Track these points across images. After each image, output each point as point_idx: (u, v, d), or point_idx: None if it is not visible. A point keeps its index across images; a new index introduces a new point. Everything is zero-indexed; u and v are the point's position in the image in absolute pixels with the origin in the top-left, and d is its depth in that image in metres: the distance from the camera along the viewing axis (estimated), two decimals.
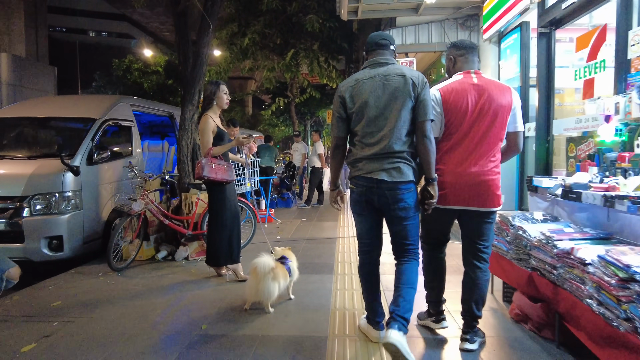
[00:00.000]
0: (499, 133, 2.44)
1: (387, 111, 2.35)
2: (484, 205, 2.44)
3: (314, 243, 5.64)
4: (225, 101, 3.92)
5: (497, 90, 2.44)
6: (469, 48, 2.59)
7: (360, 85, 2.41)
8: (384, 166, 2.35)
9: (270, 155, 8.87)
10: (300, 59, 13.20)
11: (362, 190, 2.42)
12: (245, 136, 3.79)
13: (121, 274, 4.30)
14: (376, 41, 2.49)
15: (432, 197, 2.37)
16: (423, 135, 2.33)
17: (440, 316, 2.79)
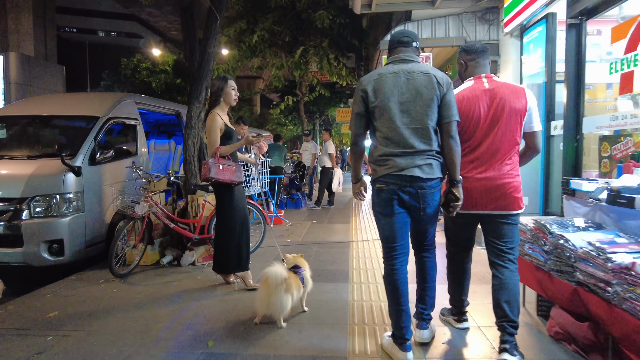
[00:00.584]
0: (514, 136, 2.42)
1: (412, 108, 2.30)
2: (505, 209, 2.42)
3: (326, 247, 5.37)
4: (233, 97, 3.67)
5: (510, 93, 2.41)
6: (480, 52, 2.55)
7: (383, 79, 2.34)
8: (417, 162, 2.29)
9: (279, 155, 8.61)
10: (310, 57, 12.94)
11: (393, 189, 2.32)
12: (254, 135, 3.53)
13: (124, 280, 4.07)
14: (399, 39, 2.44)
15: (457, 200, 2.34)
16: (449, 135, 2.31)
17: (463, 317, 2.85)
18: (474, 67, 2.56)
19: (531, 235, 2.93)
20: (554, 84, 5.05)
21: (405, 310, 2.38)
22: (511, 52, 6.01)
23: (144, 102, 6.40)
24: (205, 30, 5.12)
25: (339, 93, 17.56)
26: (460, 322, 2.84)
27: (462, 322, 2.84)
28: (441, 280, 3.71)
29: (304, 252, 5.02)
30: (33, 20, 18.00)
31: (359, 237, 5.94)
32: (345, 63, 13.61)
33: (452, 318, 2.90)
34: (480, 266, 4.15)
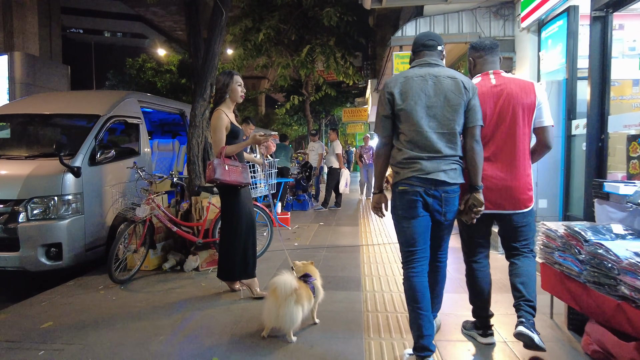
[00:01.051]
0: (523, 132, 2.39)
1: (439, 112, 2.29)
2: (516, 208, 2.43)
3: (335, 252, 5.15)
4: (239, 94, 3.47)
5: (517, 88, 2.39)
6: (488, 49, 2.54)
7: (410, 82, 2.31)
8: (442, 167, 2.27)
9: (286, 155, 8.40)
10: (316, 55, 12.74)
11: (418, 191, 2.28)
12: (262, 134, 3.32)
13: (124, 286, 3.87)
14: (424, 42, 2.41)
15: (480, 205, 2.32)
16: (474, 139, 2.31)
17: (488, 330, 2.64)
18: (482, 64, 2.55)
19: (562, 243, 2.70)
20: (575, 81, 4.80)
21: (427, 317, 2.26)
22: (528, 48, 5.76)
23: (147, 100, 6.21)
24: (210, 25, 4.91)
25: (345, 92, 17.36)
26: (486, 336, 2.64)
27: (487, 336, 2.64)
28: (460, 290, 3.53)
29: (312, 257, 4.83)
30: (38, 20, 17.94)
31: (368, 241, 5.71)
32: (352, 62, 13.40)
33: (476, 332, 2.69)
34: (500, 273, 3.93)
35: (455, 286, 3.71)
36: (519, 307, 2.37)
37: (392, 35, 6.30)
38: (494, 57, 2.55)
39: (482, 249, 2.64)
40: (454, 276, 3.88)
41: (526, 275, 2.43)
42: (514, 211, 2.44)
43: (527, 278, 2.42)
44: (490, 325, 2.64)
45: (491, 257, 2.73)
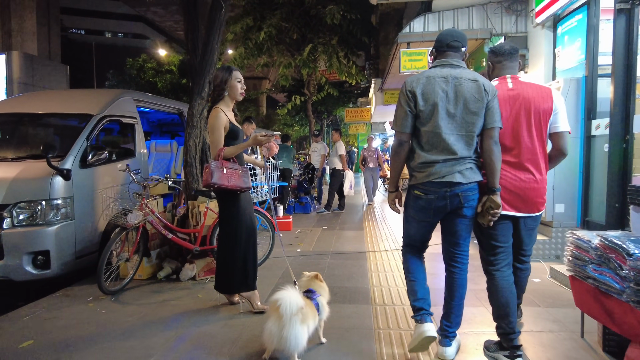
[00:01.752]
0: (540, 137, 2.40)
1: (459, 115, 2.29)
2: (531, 211, 2.44)
3: (340, 258, 4.88)
4: (239, 91, 3.20)
5: (534, 93, 2.40)
6: (507, 54, 2.53)
7: (432, 83, 2.30)
8: (457, 168, 2.28)
9: (288, 157, 8.13)
10: (319, 55, 12.47)
11: (433, 198, 2.32)
12: (264, 134, 3.05)
13: (115, 298, 3.61)
14: (448, 42, 2.38)
15: (497, 207, 2.30)
16: (493, 141, 2.29)
17: (516, 351, 2.38)
18: (501, 68, 2.55)
19: (597, 255, 2.42)
20: (595, 79, 4.53)
21: (421, 284, 2.46)
22: (542, 45, 5.49)
23: (143, 99, 5.95)
24: (208, 20, 4.66)
25: (348, 92, 17.08)
26: (513, 358, 2.38)
27: (515, 358, 2.37)
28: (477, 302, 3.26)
29: (316, 265, 4.56)
30: (37, 19, 17.72)
31: (375, 247, 5.44)
32: (355, 61, 13.13)
33: (501, 354, 2.42)
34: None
35: (471, 299, 3.43)
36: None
37: (400, 32, 6.03)
38: (513, 63, 2.54)
39: (505, 255, 2.48)
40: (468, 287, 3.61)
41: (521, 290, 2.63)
42: (528, 214, 2.45)
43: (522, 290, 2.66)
44: (518, 346, 2.38)
45: None
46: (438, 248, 2.55)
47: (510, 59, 2.54)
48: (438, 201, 2.31)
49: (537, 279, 3.97)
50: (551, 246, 4.73)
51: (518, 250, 2.56)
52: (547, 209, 4.73)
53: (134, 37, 47.13)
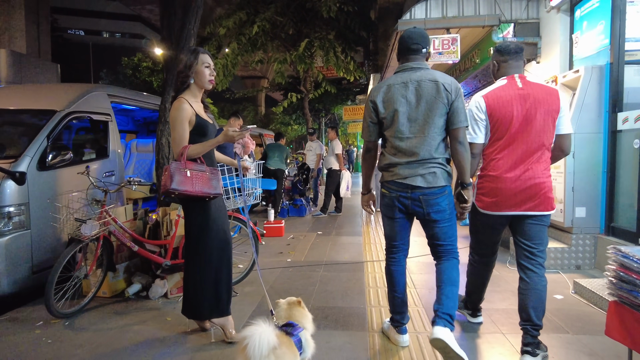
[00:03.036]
0: (547, 137, 2.42)
1: (420, 118, 2.35)
2: (537, 209, 2.41)
3: (334, 270, 4.35)
4: (207, 78, 2.68)
5: (543, 93, 2.42)
6: (513, 53, 2.54)
7: (392, 90, 2.39)
8: (420, 172, 2.35)
9: (280, 156, 7.61)
10: (315, 50, 11.96)
11: (395, 196, 2.43)
12: (235, 129, 2.53)
13: (69, 322, 3.09)
14: (408, 46, 2.44)
15: (466, 202, 2.41)
16: (457, 141, 2.35)
17: (478, 312, 2.94)
18: (507, 68, 2.55)
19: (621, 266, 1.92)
20: (622, 66, 4.00)
21: (401, 298, 2.56)
22: (557, 31, 4.96)
23: (120, 95, 5.44)
24: (184, 2, 4.14)
25: (346, 90, 16.55)
26: (475, 316, 2.94)
27: (476, 316, 2.94)
28: None
29: (307, 278, 4.05)
30: (25, 17, 17.23)
31: (374, 255, 4.92)
32: (353, 56, 12.60)
33: (466, 312, 2.97)
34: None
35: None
36: (526, 331, 2.39)
37: (399, 19, 5.51)
38: (519, 62, 2.55)
39: (491, 251, 2.70)
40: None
41: (538, 299, 2.39)
42: (536, 212, 2.41)
43: (538, 302, 2.39)
44: (480, 309, 2.94)
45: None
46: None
47: (516, 58, 2.54)
48: (401, 199, 2.40)
49: (559, 295, 3.45)
50: (571, 255, 4.21)
51: (528, 250, 2.46)
52: (566, 213, 4.21)
53: (131, 37, 46.88)
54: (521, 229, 2.46)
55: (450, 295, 2.36)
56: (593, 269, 4.17)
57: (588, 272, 4.08)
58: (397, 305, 2.57)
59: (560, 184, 4.30)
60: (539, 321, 2.36)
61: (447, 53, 5.51)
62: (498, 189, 2.42)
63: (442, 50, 5.51)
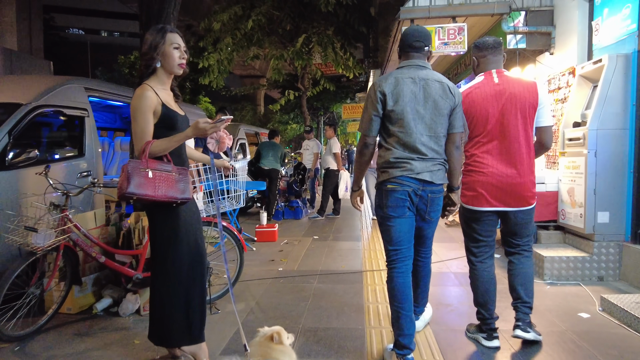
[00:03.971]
0: (526, 131, 2.44)
1: (427, 116, 2.30)
2: (520, 205, 2.46)
3: (330, 281, 3.93)
4: (177, 61, 2.26)
5: (520, 87, 2.43)
6: (491, 48, 2.54)
7: (401, 84, 2.30)
8: (430, 168, 2.30)
9: (274, 155, 7.18)
10: (313, 45, 11.53)
11: (407, 190, 2.29)
12: (208, 120, 2.11)
13: (20, 346, 2.67)
14: (410, 42, 2.38)
15: (453, 205, 2.46)
16: (455, 145, 2.36)
17: (493, 334, 2.59)
18: (485, 63, 2.55)
19: None
20: None
21: (409, 317, 2.28)
22: (574, 19, 4.54)
23: (100, 88, 5.02)
24: None
25: (345, 87, 16.11)
26: (491, 339, 2.59)
27: (492, 339, 2.59)
28: None
29: (299, 291, 3.62)
30: (16, 13, 16.83)
31: (374, 264, 4.50)
32: (352, 52, 12.18)
33: (480, 336, 2.63)
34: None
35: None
36: (517, 308, 2.50)
37: (402, 6, 5.08)
38: (497, 57, 2.55)
39: (487, 248, 2.63)
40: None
41: (526, 277, 2.52)
42: (519, 208, 2.47)
43: (526, 280, 2.51)
44: (495, 329, 2.58)
45: None
46: None
47: (494, 52, 2.53)
48: (412, 195, 2.30)
49: (585, 314, 3.03)
50: (592, 265, 3.79)
51: (514, 242, 2.57)
52: (587, 219, 3.79)
53: (130, 35, 46.59)
54: (506, 222, 2.55)
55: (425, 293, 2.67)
56: (618, 280, 3.75)
57: (612, 285, 3.66)
58: (404, 327, 2.24)
59: (580, 186, 3.88)
60: (529, 298, 2.49)
61: (452, 44, 5.09)
62: (479, 183, 2.47)
63: (447, 40, 5.09)
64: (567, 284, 3.73)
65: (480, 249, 2.61)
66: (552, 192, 4.34)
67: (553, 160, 4.82)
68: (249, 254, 5.01)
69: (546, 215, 4.37)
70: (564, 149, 4.22)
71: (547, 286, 3.67)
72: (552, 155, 4.83)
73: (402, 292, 2.28)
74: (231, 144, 2.22)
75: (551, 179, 4.35)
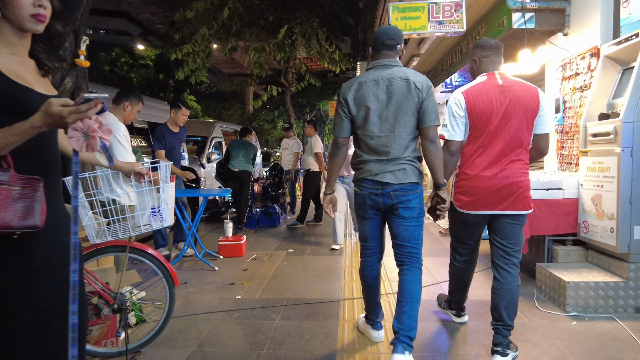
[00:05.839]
0: (525, 135, 2.39)
1: (391, 116, 2.32)
2: (515, 209, 2.38)
3: (296, 316, 3.10)
4: (27, 10, 1.42)
5: (523, 91, 2.38)
6: (494, 48, 2.50)
7: (363, 89, 2.35)
8: (390, 169, 2.34)
9: (246, 155, 6.33)
10: (296, 36, 10.71)
11: (366, 193, 2.40)
12: (67, 102, 1.27)
13: None
14: (383, 41, 2.40)
15: (443, 202, 2.42)
16: (428, 140, 2.33)
17: (462, 312, 2.89)
18: (488, 64, 2.50)
19: None
20: None
21: (376, 300, 2.62)
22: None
23: None
24: None
25: (332, 83, 15.25)
26: (460, 316, 2.88)
27: (461, 316, 2.88)
28: None
29: (257, 328, 2.72)
30: None
31: (355, 287, 3.68)
32: (338, 45, 11.37)
33: (450, 312, 2.93)
34: None
35: None
36: (497, 331, 2.40)
37: None
38: (499, 57, 2.50)
39: (472, 251, 2.67)
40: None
41: (511, 299, 2.40)
42: (514, 212, 2.39)
43: (511, 302, 2.40)
44: (463, 308, 2.88)
45: None
46: None
47: (497, 53, 2.49)
48: (372, 196, 2.37)
49: None
50: (627, 292, 3.01)
51: (503, 249, 2.44)
52: (620, 234, 3.02)
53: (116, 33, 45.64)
54: (497, 228, 2.45)
55: (412, 313, 2.32)
56: None
57: None
58: (371, 308, 2.64)
59: (610, 193, 3.11)
60: (511, 321, 2.39)
61: (449, 22, 4.30)
62: (475, 187, 2.41)
63: (442, 18, 4.30)
64: (597, 317, 2.95)
65: (466, 250, 2.66)
66: (571, 199, 3.57)
67: (568, 161, 4.05)
68: (207, 275, 4.17)
69: (563, 227, 3.60)
70: (587, 146, 3.44)
71: (573, 321, 2.88)
72: (568, 155, 4.05)
73: (368, 281, 2.58)
74: (110, 140, 1.40)
75: (569, 183, 3.57)
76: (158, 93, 20.88)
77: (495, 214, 2.40)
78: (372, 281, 2.57)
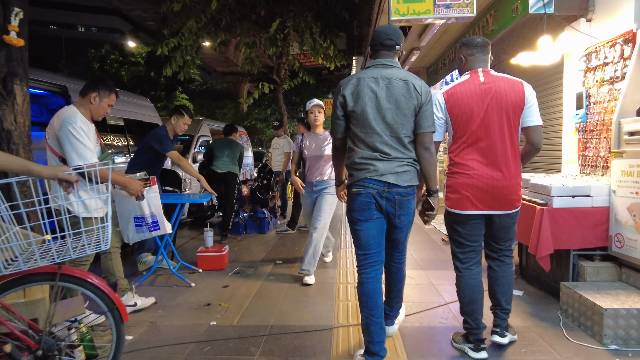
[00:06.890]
0: (512, 131, 2.36)
1: (389, 116, 2.26)
2: (505, 208, 2.38)
3: (279, 351, 2.58)
4: None
5: (506, 86, 2.36)
6: (480, 46, 2.47)
7: (362, 84, 2.29)
8: (395, 169, 2.25)
9: (231, 155, 5.79)
10: (288, 30, 10.18)
11: (371, 193, 2.25)
12: None
13: None
14: (382, 40, 2.35)
15: (432, 209, 2.41)
16: (423, 147, 2.29)
17: (481, 345, 2.42)
18: (473, 61, 2.48)
19: None
20: None
21: (379, 324, 2.25)
22: None
23: None
24: None
25: (327, 81, 14.78)
26: (478, 350, 2.40)
27: (479, 350, 2.40)
28: None
29: None
30: None
31: (350, 310, 3.17)
32: (333, 40, 10.86)
33: (467, 346, 2.45)
34: None
35: None
36: (495, 314, 2.52)
37: None
38: (485, 56, 2.48)
39: (474, 254, 2.50)
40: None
41: (506, 285, 2.50)
42: (503, 212, 2.38)
43: (506, 288, 2.49)
44: (482, 339, 2.44)
45: None
46: None
47: (483, 51, 2.46)
48: (377, 197, 2.25)
49: None
50: None
51: (496, 247, 2.51)
52: None
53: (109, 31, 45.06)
54: (490, 226, 2.45)
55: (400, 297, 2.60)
56: None
57: None
58: (374, 333, 2.23)
59: None
60: (508, 305, 2.49)
61: (457, 6, 3.81)
62: (463, 185, 2.37)
63: (450, 2, 3.80)
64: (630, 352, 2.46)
65: (466, 254, 2.51)
66: (600, 207, 3.08)
67: (593, 164, 3.56)
68: (181, 292, 3.64)
69: (591, 240, 3.11)
70: (621, 147, 2.96)
71: (616, 358, 2.38)
72: (593, 157, 3.57)
73: (371, 299, 2.26)
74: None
75: (599, 189, 3.08)
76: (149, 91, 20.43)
77: (485, 214, 2.39)
78: (375, 297, 2.26)
